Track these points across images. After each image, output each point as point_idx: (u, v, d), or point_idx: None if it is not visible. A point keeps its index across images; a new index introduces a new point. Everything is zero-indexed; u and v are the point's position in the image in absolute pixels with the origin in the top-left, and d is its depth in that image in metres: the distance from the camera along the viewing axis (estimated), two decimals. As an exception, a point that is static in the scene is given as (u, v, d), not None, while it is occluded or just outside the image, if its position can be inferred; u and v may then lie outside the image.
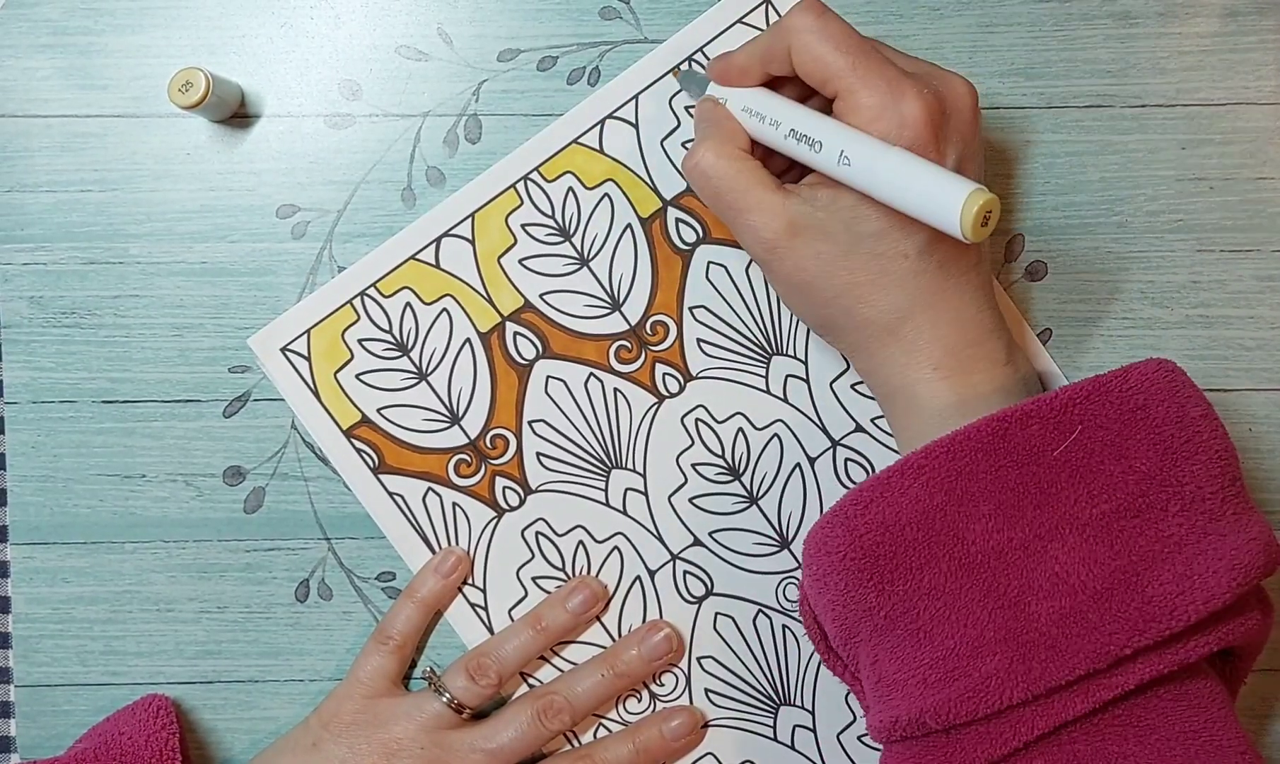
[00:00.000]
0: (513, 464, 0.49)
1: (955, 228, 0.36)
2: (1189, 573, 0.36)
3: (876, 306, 0.41)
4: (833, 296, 0.42)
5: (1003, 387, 0.41)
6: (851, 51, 0.40)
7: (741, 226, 0.42)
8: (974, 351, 0.41)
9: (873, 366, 0.43)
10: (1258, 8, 0.49)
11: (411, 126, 0.49)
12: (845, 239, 0.41)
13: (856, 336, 0.42)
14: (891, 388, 0.42)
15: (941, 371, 0.41)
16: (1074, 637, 0.36)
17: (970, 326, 0.41)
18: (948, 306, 0.41)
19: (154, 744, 0.45)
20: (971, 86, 0.42)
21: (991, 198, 0.36)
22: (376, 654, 0.47)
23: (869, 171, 0.38)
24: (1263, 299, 0.49)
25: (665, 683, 0.49)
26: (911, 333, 0.41)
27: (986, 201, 0.36)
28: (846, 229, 0.41)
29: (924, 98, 0.39)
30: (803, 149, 0.40)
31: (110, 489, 0.49)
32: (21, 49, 0.49)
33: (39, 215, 0.49)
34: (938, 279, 0.41)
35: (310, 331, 0.49)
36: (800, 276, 0.42)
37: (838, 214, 0.41)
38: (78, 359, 0.49)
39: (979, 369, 0.41)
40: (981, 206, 0.36)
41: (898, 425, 0.43)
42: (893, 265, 0.41)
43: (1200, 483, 0.38)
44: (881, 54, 0.41)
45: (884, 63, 0.40)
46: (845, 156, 0.39)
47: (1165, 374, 0.39)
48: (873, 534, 0.39)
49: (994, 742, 0.37)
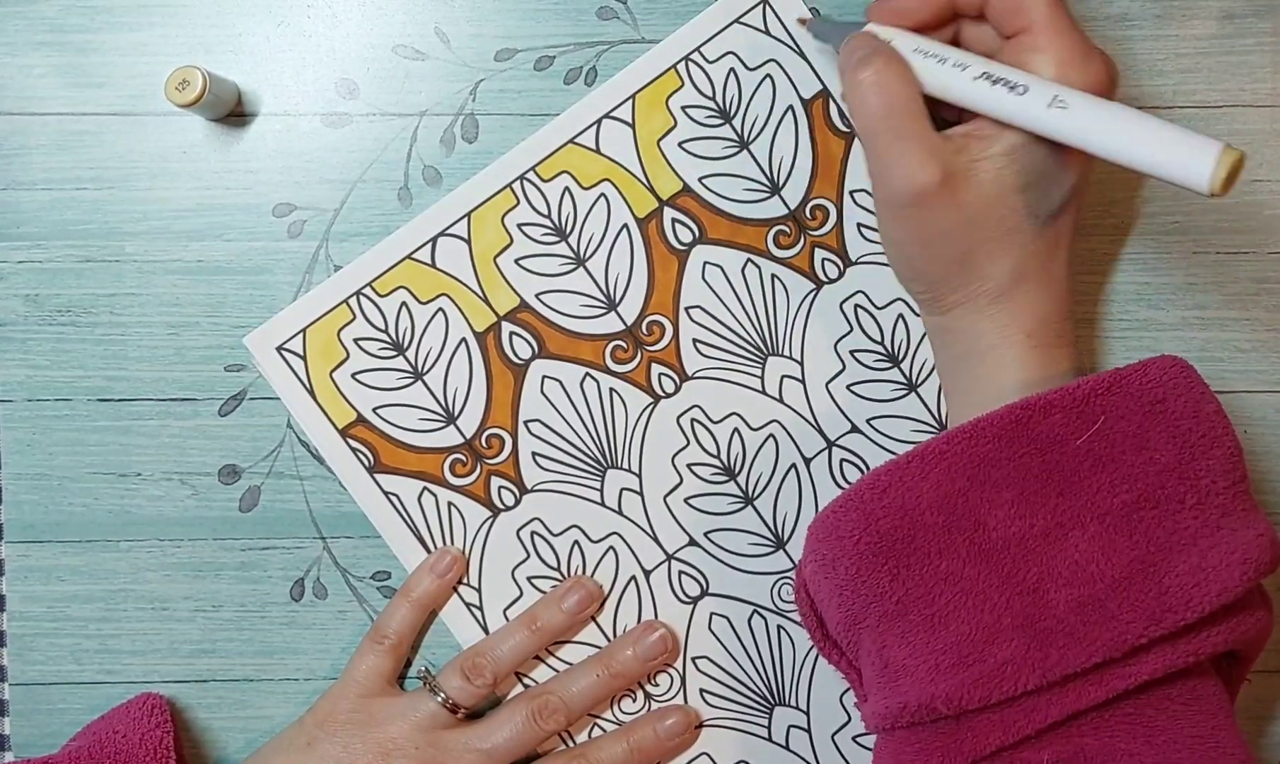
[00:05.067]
0: (508, 464, 0.49)
1: (1204, 181, 0.35)
2: (1203, 565, 0.37)
3: (999, 265, 0.41)
4: (963, 252, 0.40)
5: (1074, 367, 0.42)
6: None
7: (894, 157, 0.39)
8: (1060, 327, 0.42)
9: (968, 324, 0.42)
10: (1254, 10, 0.49)
11: (408, 126, 0.49)
12: (990, 192, 0.40)
13: (965, 293, 0.41)
14: (983, 347, 0.42)
15: (1033, 340, 0.41)
16: (1091, 625, 0.36)
17: (1064, 301, 0.42)
18: (1052, 278, 0.41)
19: (148, 743, 0.45)
20: (1116, 70, 0.41)
21: (1242, 153, 0.35)
22: (371, 653, 0.47)
23: (1089, 119, 0.37)
24: (1258, 301, 0.49)
25: (660, 683, 0.49)
26: (1021, 297, 0.41)
27: (1239, 157, 0.35)
28: (994, 181, 0.40)
29: (1108, 62, 0.39)
30: (997, 92, 0.38)
31: (105, 487, 0.49)
32: (18, 46, 0.49)
33: (35, 213, 0.49)
34: (1051, 247, 0.41)
35: (306, 330, 0.49)
36: (934, 228, 0.40)
37: (989, 164, 0.40)
38: (73, 357, 0.49)
39: (1062, 344, 0.42)
40: (1234, 162, 0.35)
41: (961, 388, 0.42)
42: (1023, 224, 0.40)
43: (1215, 477, 0.38)
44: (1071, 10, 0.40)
45: (1074, 20, 0.39)
46: (1060, 100, 0.37)
47: (1181, 370, 0.40)
48: (890, 519, 0.39)
49: (1005, 729, 0.37)
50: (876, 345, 0.49)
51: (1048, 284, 0.41)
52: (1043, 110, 0.37)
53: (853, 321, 0.49)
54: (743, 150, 0.49)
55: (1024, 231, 0.40)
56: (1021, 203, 0.40)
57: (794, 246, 0.49)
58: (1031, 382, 0.41)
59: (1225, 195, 0.35)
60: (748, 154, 0.49)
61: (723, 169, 0.49)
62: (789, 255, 0.49)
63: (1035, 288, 0.41)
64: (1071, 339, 0.42)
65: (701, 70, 0.49)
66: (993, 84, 0.38)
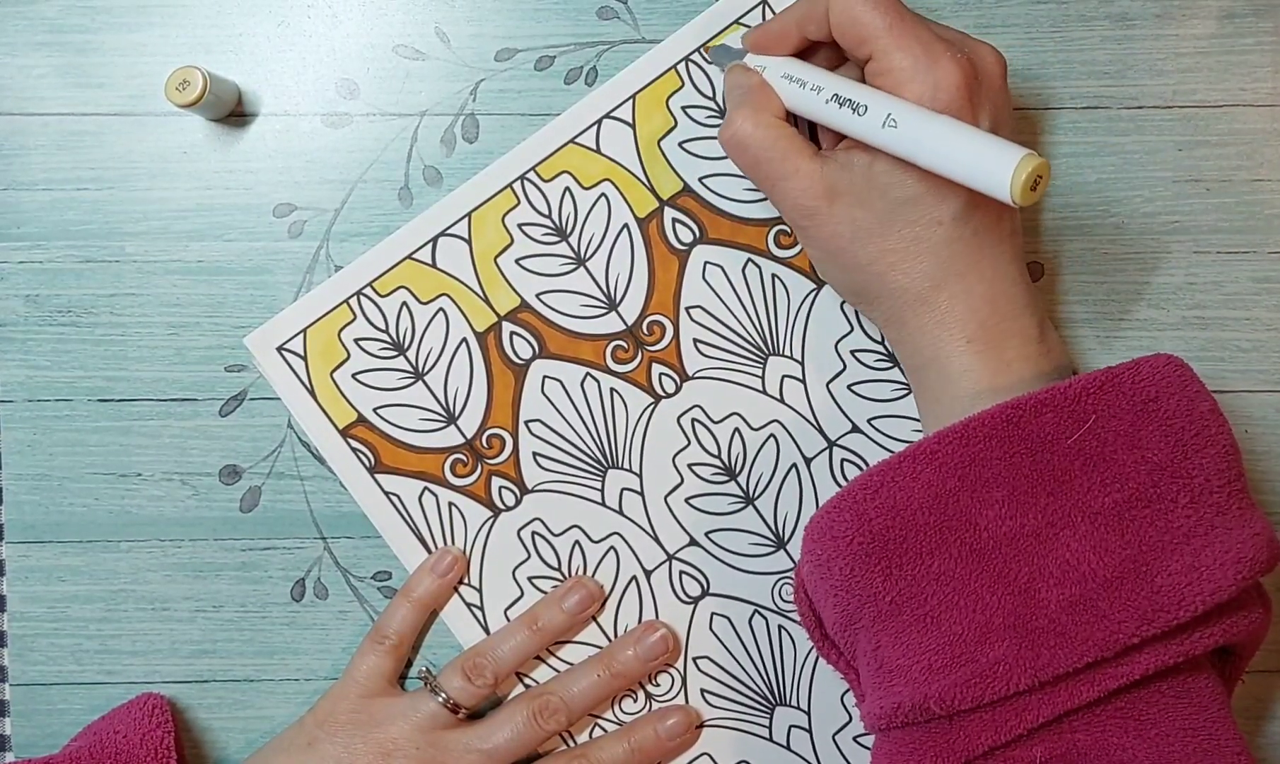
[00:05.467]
0: (509, 464, 0.49)
1: (1005, 191, 0.36)
2: (1196, 564, 0.37)
3: (910, 274, 0.41)
4: (867, 263, 0.42)
5: (1036, 370, 0.41)
6: (889, 13, 0.40)
7: (780, 193, 0.43)
8: (1007, 326, 0.41)
9: (905, 336, 0.43)
10: (1254, 10, 0.49)
11: (408, 126, 0.49)
12: (880, 205, 0.41)
13: (890, 304, 0.42)
14: (923, 359, 0.42)
15: (975, 345, 0.41)
16: (1083, 625, 0.36)
17: (1003, 300, 0.41)
18: (981, 277, 0.41)
19: (149, 743, 0.45)
20: (1000, 54, 0.42)
21: (1042, 162, 0.35)
22: (372, 654, 0.47)
23: (915, 135, 0.38)
24: (1259, 301, 0.49)
25: (661, 683, 0.49)
26: (945, 302, 0.41)
27: (1037, 166, 0.35)
28: (882, 195, 0.41)
29: (958, 62, 0.39)
30: (844, 114, 0.40)
31: (106, 488, 0.49)
32: (18, 47, 0.49)
33: (35, 213, 0.49)
34: (972, 248, 0.41)
35: (306, 331, 0.49)
36: (836, 243, 0.42)
37: (874, 179, 0.41)
38: (73, 357, 0.49)
39: (1011, 345, 0.41)
40: (1032, 170, 0.35)
41: (926, 400, 0.43)
42: (927, 232, 0.41)
43: (1208, 476, 0.38)
44: (917, 18, 0.41)
45: (920, 25, 0.40)
46: (891, 119, 0.39)
47: (1175, 368, 0.39)
48: (882, 518, 0.39)
49: (997, 728, 0.37)
50: (877, 345, 0.49)
51: (978, 285, 0.41)
52: (879, 129, 0.39)
53: (853, 321, 0.49)
54: None
55: (931, 238, 0.41)
56: (918, 212, 0.41)
57: (796, 246, 0.49)
58: (982, 390, 0.41)
59: (1029, 203, 0.36)
60: None
61: (724, 169, 0.49)
62: (790, 255, 0.49)
63: (961, 291, 0.41)
64: (1028, 334, 0.42)
65: (702, 70, 0.49)
66: (840, 106, 0.41)
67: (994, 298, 0.41)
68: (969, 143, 0.37)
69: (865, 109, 0.40)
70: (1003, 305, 0.41)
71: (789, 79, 0.43)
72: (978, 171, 0.36)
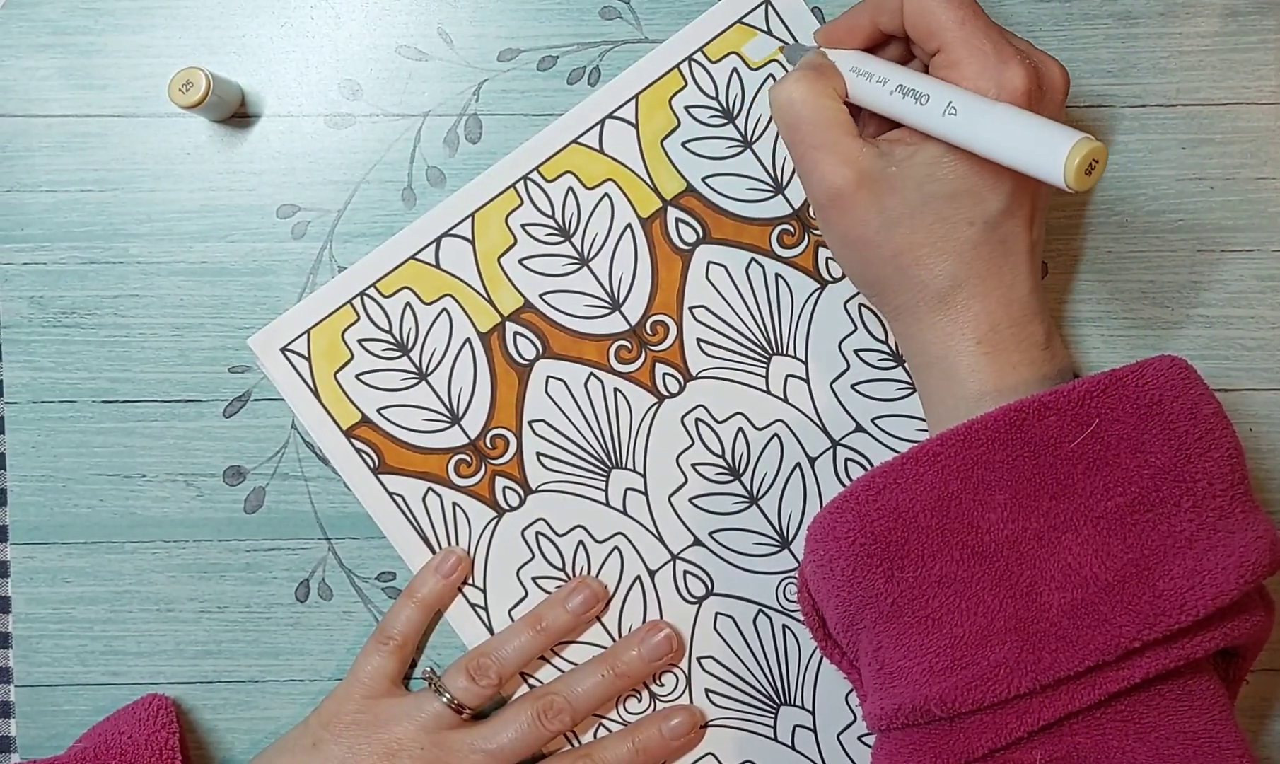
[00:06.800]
0: (513, 464, 0.49)
1: (1059, 174, 0.35)
2: (1199, 568, 0.36)
3: (932, 271, 0.41)
4: (890, 255, 0.41)
5: (1040, 374, 0.41)
6: (962, 8, 0.40)
7: (811, 164, 0.42)
8: (1017, 332, 0.41)
9: (915, 332, 0.43)
10: (1258, 7, 0.49)
11: (412, 126, 0.49)
12: (914, 198, 0.41)
13: (905, 299, 0.42)
14: (931, 356, 0.42)
15: (984, 347, 0.41)
16: (1084, 628, 0.36)
17: (1017, 306, 0.42)
18: (1000, 283, 0.41)
19: (154, 744, 0.45)
20: (1066, 72, 0.42)
21: (1099, 146, 0.35)
22: (376, 654, 0.47)
23: (972, 121, 0.38)
24: (1263, 299, 0.49)
25: (665, 683, 0.49)
26: (962, 303, 0.41)
27: (1093, 149, 0.35)
28: (918, 187, 0.41)
29: (1026, 68, 0.39)
30: (907, 104, 0.40)
31: (110, 489, 0.49)
32: (22, 49, 0.49)
33: (39, 215, 0.49)
34: (997, 254, 0.41)
35: (310, 331, 0.49)
36: (861, 230, 0.42)
37: (912, 171, 0.41)
38: (78, 359, 0.49)
39: (1019, 350, 0.41)
40: (1088, 153, 0.35)
41: (931, 398, 0.43)
42: (956, 232, 0.41)
43: (1211, 480, 0.38)
44: (989, 19, 0.41)
45: (992, 26, 0.40)
46: (952, 107, 0.39)
47: (1179, 371, 0.39)
48: (884, 520, 0.39)
49: (997, 730, 0.37)
50: (880, 344, 0.49)
51: (996, 290, 0.41)
52: (939, 118, 0.39)
53: (857, 321, 0.49)
54: (746, 150, 0.49)
55: (960, 238, 0.41)
56: (952, 210, 0.40)
57: (798, 246, 0.49)
58: (986, 391, 0.41)
59: (1084, 188, 0.36)
60: (751, 154, 0.49)
61: (726, 169, 0.49)
62: (793, 255, 0.49)
63: (979, 294, 0.41)
64: (1036, 341, 0.42)
65: (704, 70, 0.49)
66: (904, 96, 0.41)
67: (1009, 303, 0.41)
68: (1026, 126, 0.37)
69: (928, 98, 0.40)
70: (1016, 311, 0.41)
71: (856, 72, 0.43)
72: (1032, 155, 0.36)
